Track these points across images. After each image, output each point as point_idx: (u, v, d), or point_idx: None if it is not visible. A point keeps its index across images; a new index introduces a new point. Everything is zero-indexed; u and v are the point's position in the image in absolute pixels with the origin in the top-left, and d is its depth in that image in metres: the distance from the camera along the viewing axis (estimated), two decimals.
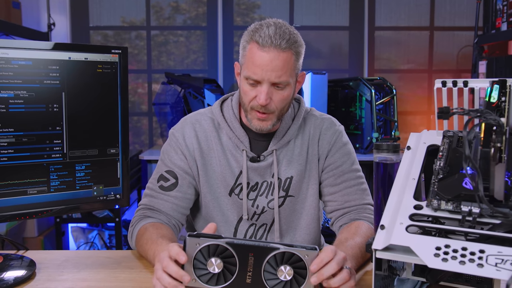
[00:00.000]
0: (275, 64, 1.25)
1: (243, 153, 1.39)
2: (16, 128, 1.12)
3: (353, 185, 1.41)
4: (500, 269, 0.77)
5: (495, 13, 3.17)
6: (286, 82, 1.28)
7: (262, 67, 1.25)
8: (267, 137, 1.41)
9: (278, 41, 1.24)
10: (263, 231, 1.45)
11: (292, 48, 1.26)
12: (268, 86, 1.27)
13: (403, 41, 4.05)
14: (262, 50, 1.25)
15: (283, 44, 1.24)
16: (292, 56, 1.27)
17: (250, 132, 1.41)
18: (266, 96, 1.26)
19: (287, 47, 1.25)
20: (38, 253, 1.32)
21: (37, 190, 1.17)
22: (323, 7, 3.99)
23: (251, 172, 1.40)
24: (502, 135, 0.86)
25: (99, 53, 1.21)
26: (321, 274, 0.96)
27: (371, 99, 3.23)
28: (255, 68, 1.26)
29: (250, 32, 1.30)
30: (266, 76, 1.25)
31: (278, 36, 1.24)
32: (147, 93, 4.04)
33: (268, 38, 1.24)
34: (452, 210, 0.90)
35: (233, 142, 1.40)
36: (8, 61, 1.10)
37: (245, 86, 1.31)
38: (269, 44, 1.24)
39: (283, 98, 1.30)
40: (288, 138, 1.41)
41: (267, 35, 1.24)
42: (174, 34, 4.04)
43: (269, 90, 1.27)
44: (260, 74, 1.26)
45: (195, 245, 1.00)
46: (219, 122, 1.42)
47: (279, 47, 1.24)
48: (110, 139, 1.25)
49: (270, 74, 1.25)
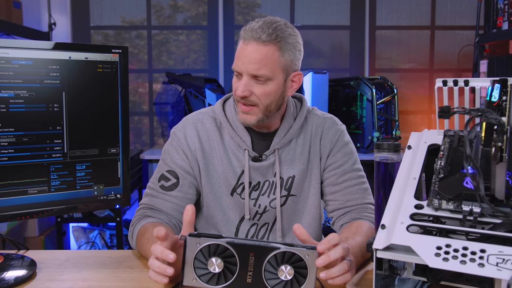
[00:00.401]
0: (253, 56, 1.26)
1: (245, 152, 1.39)
2: (16, 128, 1.12)
3: (354, 185, 1.42)
4: (501, 268, 0.77)
5: (496, 12, 3.17)
6: (266, 76, 1.27)
7: (242, 59, 1.27)
8: (269, 137, 1.41)
9: (258, 34, 1.25)
10: (265, 231, 1.45)
11: (275, 42, 1.26)
12: (247, 78, 1.28)
13: (404, 40, 4.05)
14: (244, 43, 1.28)
15: (263, 37, 1.25)
16: (276, 50, 1.26)
17: (252, 131, 1.41)
18: (243, 87, 1.28)
19: (269, 40, 1.25)
20: (38, 252, 1.32)
21: (38, 190, 1.17)
22: (324, 6, 3.99)
23: (253, 171, 1.40)
24: (503, 135, 0.86)
25: (99, 53, 1.21)
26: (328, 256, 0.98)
27: (372, 98, 3.22)
28: (237, 61, 1.29)
29: (242, 28, 1.33)
30: (245, 68, 1.27)
31: (260, 30, 1.25)
32: (148, 92, 4.04)
33: (250, 32, 1.26)
34: (453, 209, 0.90)
35: (235, 141, 1.40)
36: (8, 61, 1.10)
37: (233, 80, 1.33)
38: (250, 37, 1.26)
39: (266, 93, 1.29)
40: (290, 137, 1.41)
41: (250, 29, 1.27)
42: (175, 33, 4.03)
43: (247, 82, 1.28)
44: (239, 66, 1.28)
45: (195, 244, 1.00)
46: (221, 121, 1.42)
47: (258, 40, 1.25)
48: (111, 138, 1.25)
49: (248, 66, 1.27)
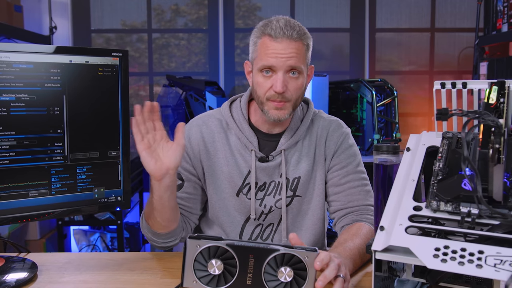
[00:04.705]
0: (289, 51, 1.30)
1: (252, 153, 1.40)
2: (17, 131, 1.13)
3: (357, 186, 1.43)
4: (499, 269, 0.78)
5: (496, 14, 3.17)
6: (300, 68, 1.32)
7: (277, 55, 1.30)
8: (275, 138, 1.43)
9: (289, 32, 1.30)
10: (270, 231, 1.46)
11: (302, 39, 1.32)
12: (283, 74, 1.30)
13: (404, 42, 4.05)
14: (275, 41, 1.30)
15: (294, 35, 1.30)
16: (303, 46, 1.33)
17: (258, 132, 1.43)
18: (282, 83, 1.30)
19: (298, 37, 1.31)
20: (40, 255, 1.33)
21: (39, 193, 1.17)
22: (324, 8, 3.99)
23: (260, 172, 1.41)
24: (501, 136, 0.87)
25: (99, 56, 1.22)
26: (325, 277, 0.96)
27: (372, 100, 3.22)
28: (270, 58, 1.30)
29: (260, 28, 1.35)
30: (281, 63, 1.30)
31: (289, 28, 1.31)
32: (148, 95, 4.05)
33: (280, 30, 1.30)
34: (451, 211, 0.91)
35: (242, 142, 1.42)
36: (9, 65, 1.11)
37: (260, 79, 1.34)
38: (282, 35, 1.30)
39: (298, 87, 1.33)
40: (296, 138, 1.42)
41: (278, 27, 1.30)
42: (175, 36, 4.04)
43: (284, 78, 1.31)
44: (275, 62, 1.30)
45: (195, 247, 1.00)
46: (227, 122, 1.44)
47: (291, 37, 1.30)
48: (111, 141, 1.26)
49: (285, 61, 1.30)
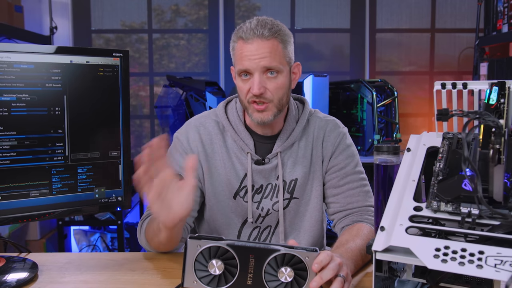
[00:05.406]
0: (261, 51, 1.29)
1: (248, 156, 1.40)
2: (18, 131, 1.13)
3: (356, 187, 1.42)
4: (500, 270, 0.78)
5: (496, 15, 3.18)
6: (277, 67, 1.30)
7: (249, 57, 1.29)
8: (271, 140, 1.42)
9: (260, 31, 1.29)
10: (267, 234, 1.45)
11: (276, 36, 1.30)
12: (259, 74, 1.30)
13: (404, 43, 4.05)
14: (247, 43, 1.30)
15: (266, 33, 1.29)
16: (278, 43, 1.31)
17: (254, 134, 1.42)
18: (258, 85, 1.29)
19: (270, 35, 1.30)
20: (40, 255, 1.33)
21: (39, 193, 1.17)
22: (324, 9, 4.00)
23: (256, 174, 1.40)
24: (501, 137, 0.87)
25: (100, 57, 1.22)
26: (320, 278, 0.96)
27: (372, 101, 3.22)
28: (243, 61, 1.30)
29: (235, 32, 1.35)
30: (256, 64, 1.29)
31: (259, 27, 1.30)
32: (149, 96, 4.05)
33: (250, 31, 1.30)
34: (452, 211, 0.91)
35: (238, 144, 1.41)
36: (10, 65, 1.11)
37: (239, 83, 1.34)
38: (252, 36, 1.29)
39: (278, 86, 1.32)
40: (292, 140, 1.41)
41: (249, 29, 1.30)
42: (176, 37, 4.05)
43: (261, 79, 1.30)
44: (249, 64, 1.29)
45: (196, 247, 1.00)
46: (223, 124, 1.43)
47: (262, 36, 1.29)
48: (112, 141, 1.26)
49: (258, 62, 1.29)
